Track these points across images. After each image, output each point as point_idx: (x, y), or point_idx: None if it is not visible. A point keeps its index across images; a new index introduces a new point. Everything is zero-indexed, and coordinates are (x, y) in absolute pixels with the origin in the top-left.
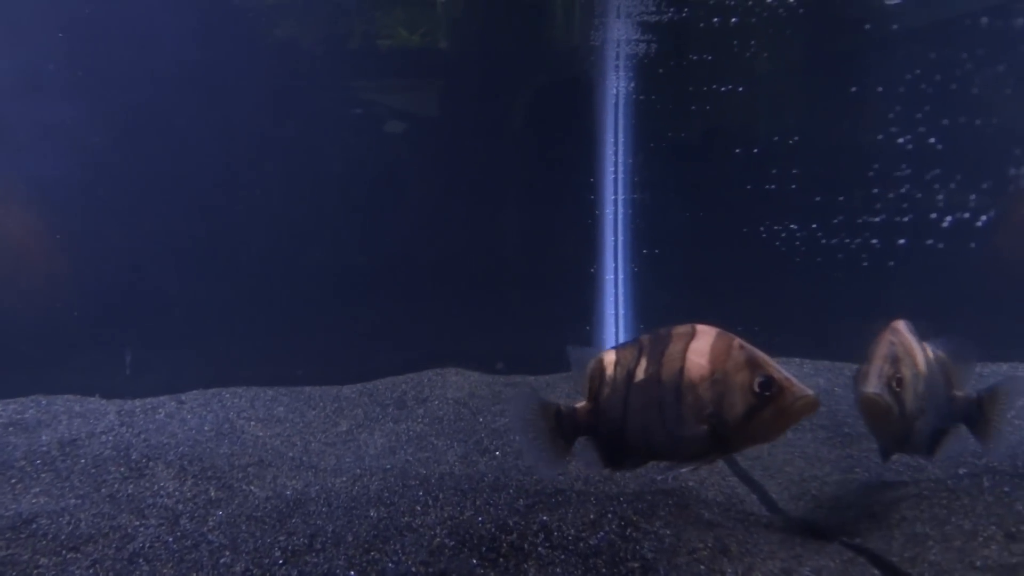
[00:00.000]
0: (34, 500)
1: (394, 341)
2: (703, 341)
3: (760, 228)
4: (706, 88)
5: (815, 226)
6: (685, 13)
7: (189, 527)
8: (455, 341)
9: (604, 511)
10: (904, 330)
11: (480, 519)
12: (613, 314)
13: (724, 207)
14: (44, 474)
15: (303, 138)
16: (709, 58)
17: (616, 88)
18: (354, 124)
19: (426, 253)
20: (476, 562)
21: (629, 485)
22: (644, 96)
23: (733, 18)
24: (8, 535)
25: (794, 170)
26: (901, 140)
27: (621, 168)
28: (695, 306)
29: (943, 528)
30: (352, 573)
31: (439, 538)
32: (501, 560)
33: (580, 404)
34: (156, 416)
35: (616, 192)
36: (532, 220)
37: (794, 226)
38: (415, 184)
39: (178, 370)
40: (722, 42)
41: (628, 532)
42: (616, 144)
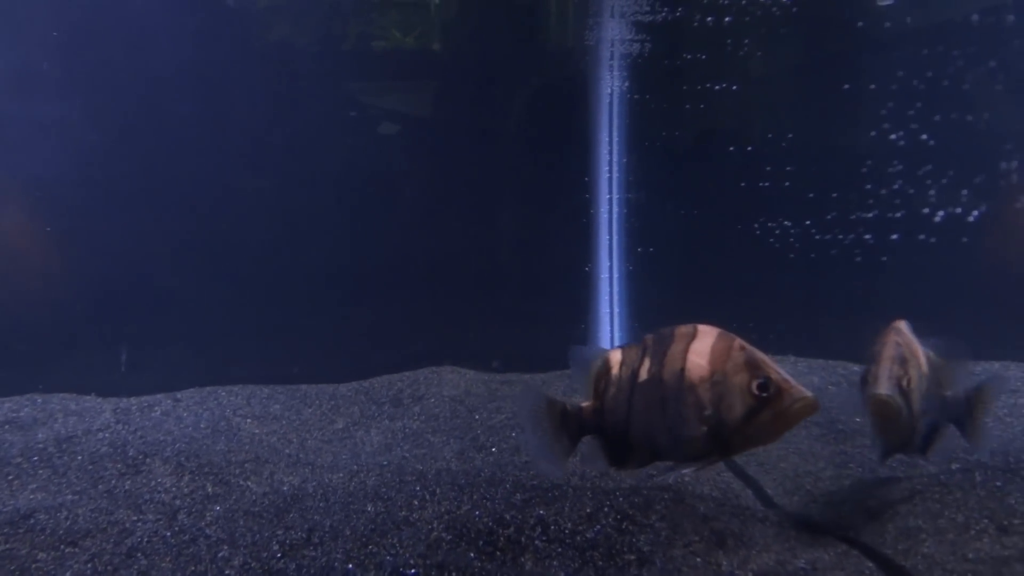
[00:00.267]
0: (32, 496)
1: (390, 339)
2: (704, 342)
3: (754, 226)
4: (700, 87)
5: (808, 223)
6: (679, 12)
7: (187, 522)
8: (451, 339)
9: (600, 505)
10: (907, 330)
11: (477, 513)
12: (608, 312)
13: (718, 206)
14: (41, 471)
15: (298, 138)
16: (703, 57)
17: (611, 88)
18: (349, 124)
19: (422, 252)
20: (474, 555)
21: (625, 480)
22: (638, 95)
23: (727, 17)
24: (6, 530)
25: (788, 168)
26: (893, 136)
27: (616, 167)
28: (690, 304)
29: (936, 522)
30: (350, 566)
31: (436, 532)
32: (498, 553)
33: (585, 403)
34: (152, 414)
35: (611, 191)
36: (527, 219)
37: (787, 223)
38: (410, 183)
39: (174, 368)
40: (716, 41)
41: (624, 525)
42: (611, 143)
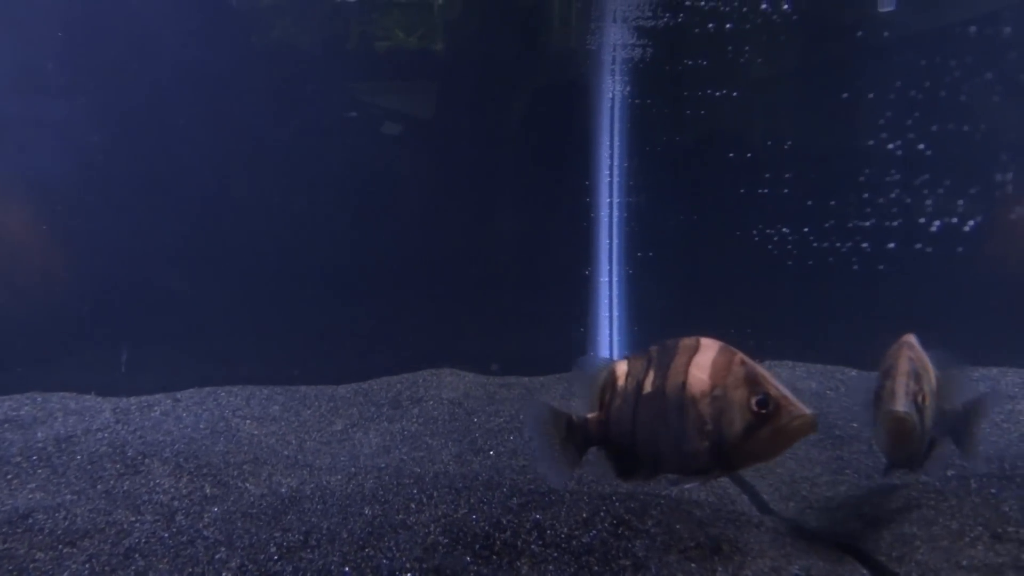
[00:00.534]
0: (30, 496)
1: (390, 342)
2: (706, 355)
3: (753, 232)
4: (700, 93)
5: (807, 230)
6: (680, 18)
7: (185, 523)
8: (450, 342)
9: (597, 510)
10: (918, 345)
11: (474, 517)
12: (607, 316)
13: (718, 211)
14: (40, 470)
15: (300, 138)
16: (704, 63)
17: (612, 92)
18: (351, 125)
19: (422, 254)
20: (470, 559)
21: (622, 485)
22: (639, 100)
23: (728, 24)
24: (5, 530)
25: (787, 174)
26: (891, 146)
27: (616, 171)
28: (689, 309)
29: (931, 528)
30: (347, 569)
31: (433, 535)
32: (494, 557)
33: (591, 415)
34: (152, 414)
35: (611, 195)
36: (528, 222)
37: (786, 230)
38: (412, 185)
39: (174, 368)
40: (717, 47)
41: (620, 531)
42: (611, 147)
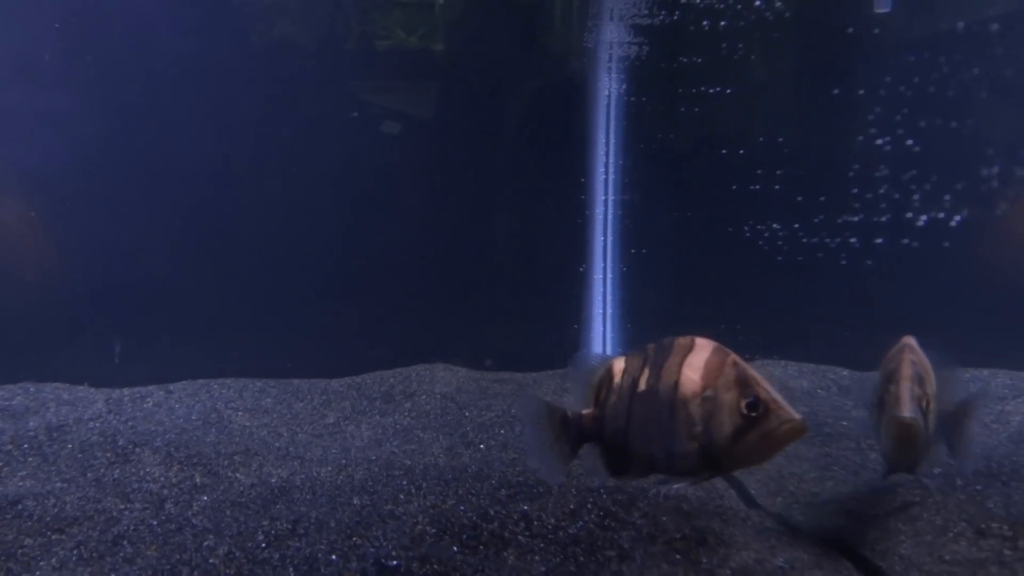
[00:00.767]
0: (20, 483)
1: (383, 336)
2: (699, 356)
3: (745, 229)
4: (695, 91)
5: (801, 228)
6: (676, 16)
7: (174, 511)
8: (444, 337)
9: (584, 502)
10: (918, 347)
11: (462, 508)
12: (601, 313)
13: (712, 208)
14: (31, 458)
15: (296, 135)
16: (699, 61)
17: (608, 90)
18: (348, 123)
19: (417, 250)
20: (457, 549)
21: (611, 482)
22: (635, 98)
23: (722, 22)
24: None
25: (778, 171)
26: (879, 142)
27: (612, 169)
28: (683, 307)
29: (915, 524)
30: (334, 557)
31: (421, 525)
32: (481, 548)
33: (586, 411)
34: (144, 405)
35: (606, 192)
36: (523, 219)
37: (779, 227)
38: (407, 182)
39: (167, 361)
40: (711, 45)
41: (607, 522)
42: (607, 145)
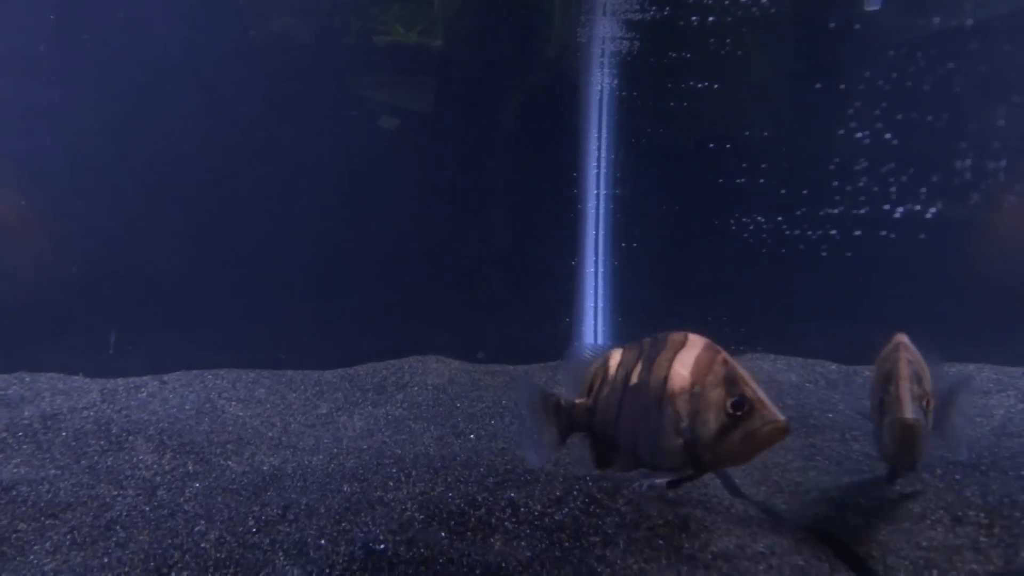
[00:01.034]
0: (15, 470)
1: (377, 329)
2: (690, 353)
3: (736, 225)
4: (685, 86)
5: (791, 222)
6: (667, 11)
7: (166, 497)
8: (437, 330)
9: (570, 489)
10: (911, 345)
11: (450, 495)
12: (593, 307)
13: (703, 203)
14: (25, 446)
15: (293, 129)
16: (689, 56)
17: (600, 85)
18: (344, 117)
19: (411, 243)
20: (444, 535)
21: (596, 473)
22: (627, 93)
23: (711, 17)
24: None
25: (776, 167)
26: (888, 135)
27: (604, 163)
28: (674, 301)
29: (894, 511)
30: (323, 542)
31: (409, 512)
32: (468, 533)
33: (579, 400)
34: (138, 395)
35: (598, 187)
36: (516, 213)
37: (766, 222)
38: (401, 176)
39: (162, 352)
40: (701, 40)
41: (592, 509)
42: (599, 140)
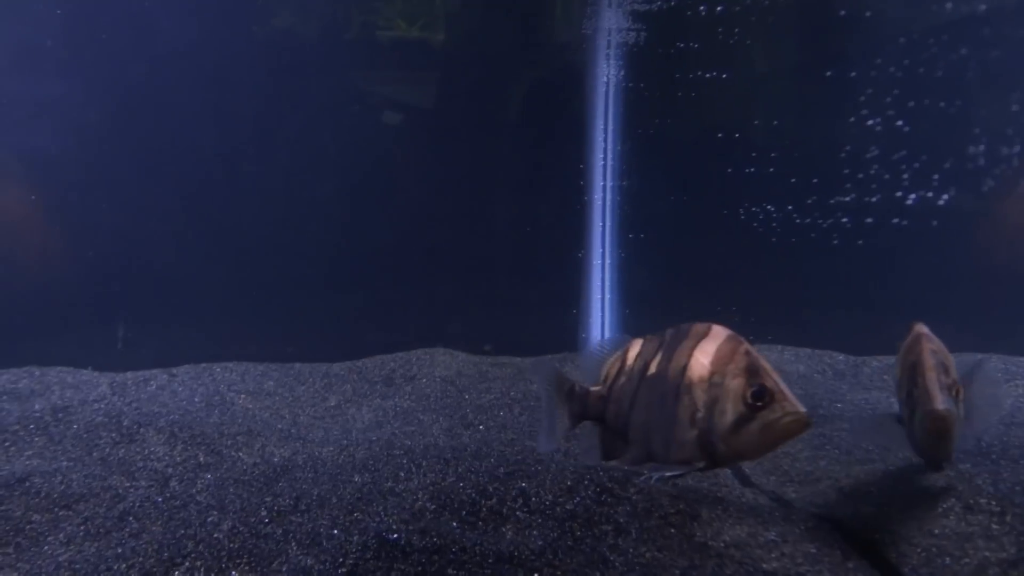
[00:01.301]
0: (27, 462)
1: (384, 321)
2: (712, 342)
3: (746, 215)
4: (692, 76)
5: (801, 213)
6: (673, 2)
7: (178, 489)
8: (444, 322)
9: (581, 479)
10: (932, 334)
11: (461, 485)
12: (600, 298)
13: (710, 194)
14: (37, 438)
15: (298, 123)
16: (695, 46)
17: (607, 76)
18: (350, 112)
19: (418, 236)
20: (456, 524)
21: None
22: (633, 84)
23: (719, 6)
24: (2, 492)
25: (772, 154)
26: (903, 125)
27: (610, 155)
28: (682, 291)
29: (905, 499)
30: (336, 532)
31: (421, 502)
32: (480, 523)
33: (594, 387)
34: (148, 387)
35: (605, 178)
36: (523, 206)
37: (776, 212)
38: (408, 169)
39: (170, 345)
40: (708, 30)
41: (603, 498)
42: (606, 132)
